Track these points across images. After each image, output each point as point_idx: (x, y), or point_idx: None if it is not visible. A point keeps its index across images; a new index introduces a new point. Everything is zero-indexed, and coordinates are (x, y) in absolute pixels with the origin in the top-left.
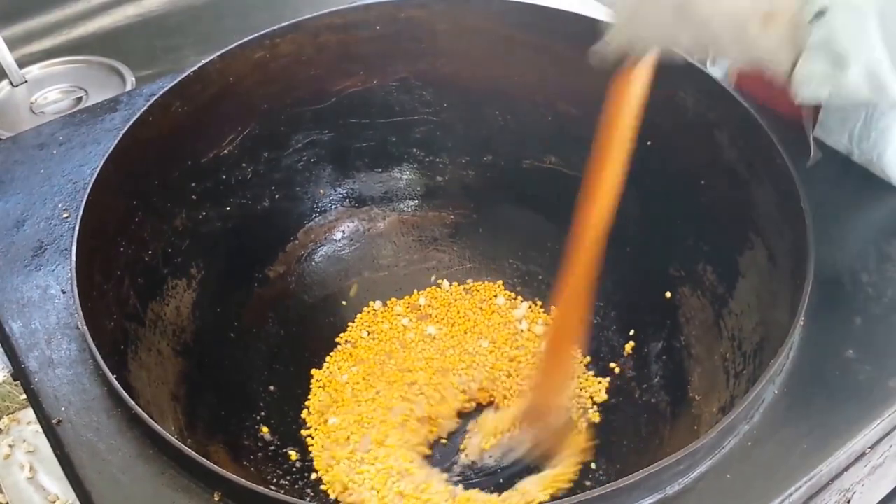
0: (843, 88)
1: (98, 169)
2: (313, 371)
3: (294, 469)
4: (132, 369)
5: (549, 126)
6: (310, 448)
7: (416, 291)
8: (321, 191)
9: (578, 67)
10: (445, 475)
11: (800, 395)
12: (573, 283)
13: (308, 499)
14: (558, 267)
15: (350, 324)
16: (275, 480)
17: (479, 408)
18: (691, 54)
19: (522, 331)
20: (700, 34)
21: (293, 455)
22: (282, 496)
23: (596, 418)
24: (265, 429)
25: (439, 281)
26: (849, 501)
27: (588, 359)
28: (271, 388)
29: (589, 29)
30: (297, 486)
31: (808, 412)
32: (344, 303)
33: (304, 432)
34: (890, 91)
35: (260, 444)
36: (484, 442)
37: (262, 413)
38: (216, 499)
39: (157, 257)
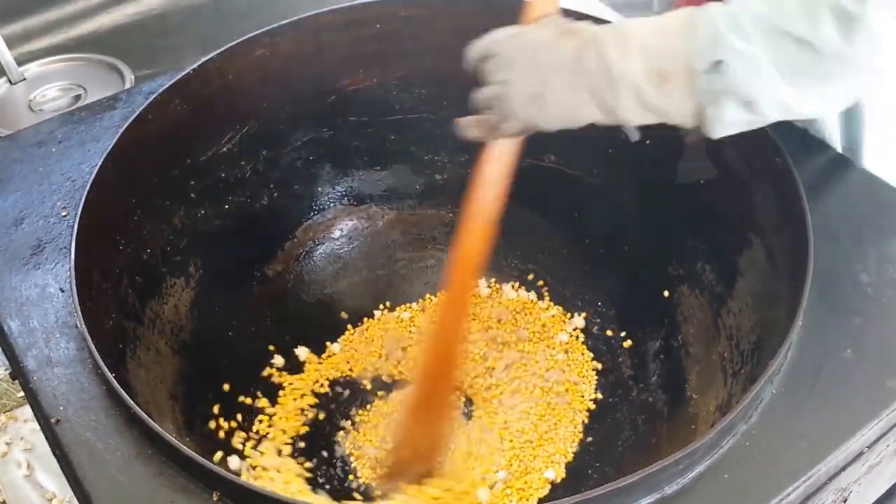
0: (755, 122)
1: (97, 167)
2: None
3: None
4: (131, 368)
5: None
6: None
7: (415, 291)
8: (320, 189)
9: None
10: None
11: (798, 395)
12: (448, 324)
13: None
14: (558, 266)
15: (349, 323)
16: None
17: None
18: (583, 124)
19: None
20: (603, 106)
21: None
22: (280, 495)
23: (585, 419)
24: (264, 428)
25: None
26: (846, 500)
27: (591, 355)
28: (271, 387)
29: None
30: (296, 485)
31: (807, 412)
32: (343, 302)
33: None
34: (797, 110)
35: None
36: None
37: (262, 412)
38: (215, 498)
39: (155, 256)
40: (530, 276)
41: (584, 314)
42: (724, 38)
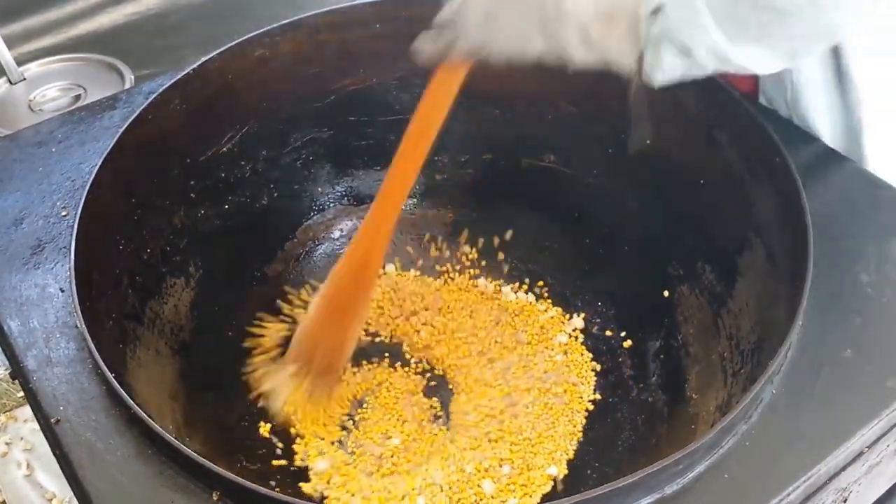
0: (693, 69)
1: (97, 167)
2: None
3: (292, 467)
4: (131, 368)
5: (549, 125)
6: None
7: (415, 290)
8: (320, 189)
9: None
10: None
11: (798, 395)
12: (367, 235)
13: (307, 498)
14: (558, 266)
15: None
16: (273, 479)
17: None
18: (539, 59)
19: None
20: (550, 40)
21: (294, 454)
22: (280, 496)
23: (584, 419)
24: (264, 428)
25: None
26: (846, 500)
27: (590, 356)
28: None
29: None
30: (296, 485)
31: (807, 412)
32: None
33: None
34: (735, 62)
35: (259, 443)
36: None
37: (261, 412)
38: (215, 498)
39: (155, 256)
40: (530, 277)
41: (583, 314)
42: None
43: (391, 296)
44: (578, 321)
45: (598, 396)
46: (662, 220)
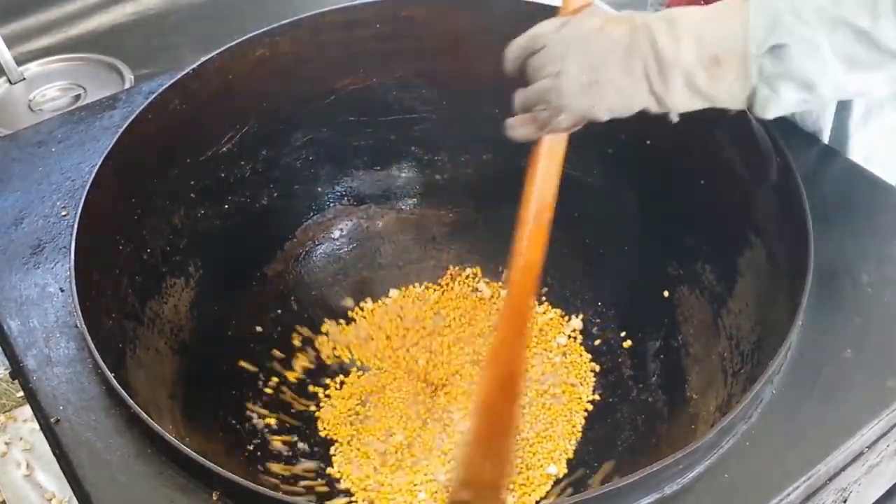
0: (813, 103)
1: (97, 167)
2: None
3: (292, 467)
4: (130, 368)
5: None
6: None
7: (414, 290)
8: (320, 189)
9: None
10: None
11: (798, 395)
12: (508, 342)
13: (306, 498)
14: (558, 266)
15: (350, 324)
16: (273, 479)
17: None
18: (635, 111)
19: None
20: (655, 93)
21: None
22: (280, 496)
23: (583, 419)
24: (263, 427)
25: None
26: (845, 500)
27: (589, 357)
28: (269, 387)
29: None
30: (296, 485)
31: (806, 412)
32: (342, 301)
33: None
34: (851, 89)
35: (258, 443)
36: None
37: (261, 412)
38: (215, 498)
39: (155, 256)
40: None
41: (582, 315)
42: (787, 23)
43: (397, 323)
44: (577, 322)
45: (597, 397)
46: (662, 220)
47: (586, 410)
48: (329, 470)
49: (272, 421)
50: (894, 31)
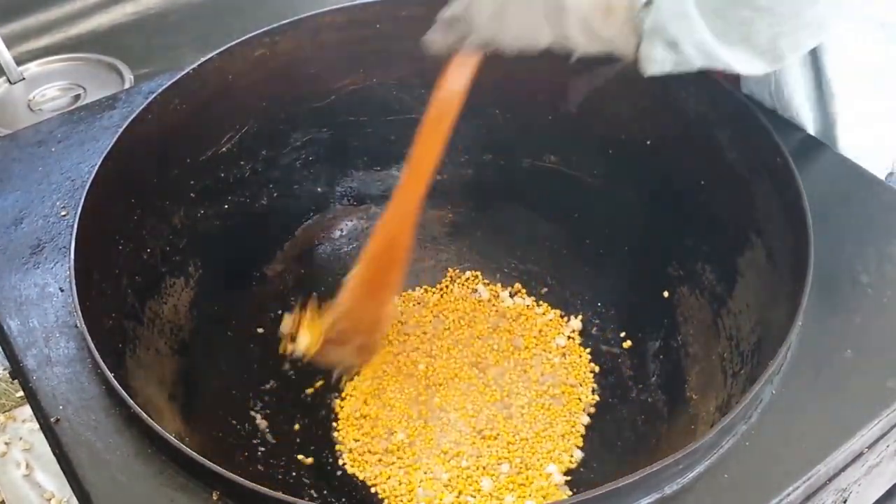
0: (681, 64)
1: (96, 167)
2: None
3: (292, 466)
4: (130, 368)
5: (549, 125)
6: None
7: (414, 290)
8: (320, 189)
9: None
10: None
11: (798, 396)
12: (397, 212)
13: (307, 497)
14: (558, 266)
15: None
16: (273, 478)
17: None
18: (540, 47)
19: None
20: (555, 30)
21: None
22: (281, 495)
23: (582, 420)
24: (263, 427)
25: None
26: (845, 501)
27: (588, 357)
28: (269, 386)
29: None
30: (296, 484)
31: (806, 412)
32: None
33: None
34: (722, 60)
35: (258, 443)
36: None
37: (260, 411)
38: (215, 498)
39: (155, 256)
40: (529, 277)
41: (582, 316)
42: None
43: (398, 328)
44: (576, 323)
45: (596, 397)
46: (662, 221)
47: (585, 411)
48: (329, 469)
49: (272, 421)
50: None
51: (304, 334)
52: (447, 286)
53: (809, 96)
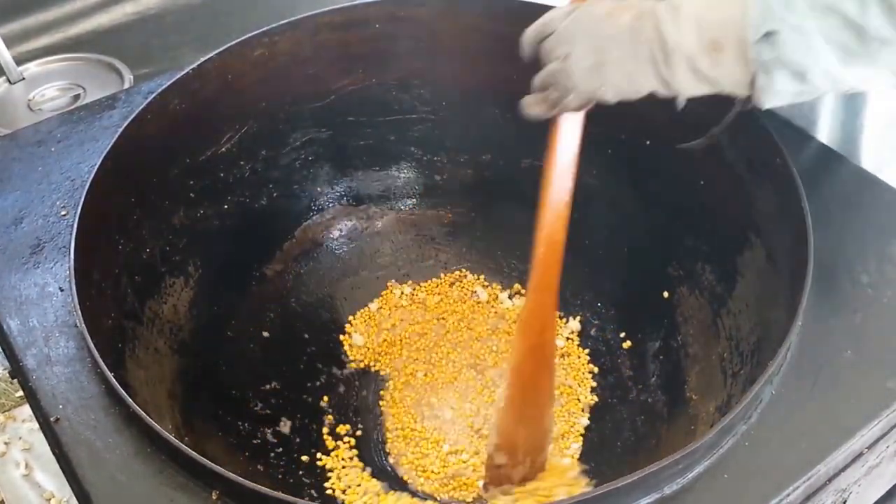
0: (804, 94)
1: (96, 167)
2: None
3: (292, 466)
4: (130, 367)
5: (549, 125)
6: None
7: (413, 291)
8: (319, 189)
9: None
10: None
11: (798, 396)
12: (537, 315)
13: (307, 497)
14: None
15: (348, 324)
16: (273, 478)
17: None
18: (643, 94)
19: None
20: (660, 77)
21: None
22: (280, 495)
23: (581, 420)
24: (263, 427)
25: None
26: (845, 501)
27: (587, 358)
28: (268, 386)
29: None
30: (296, 484)
31: (806, 412)
32: (342, 301)
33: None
34: (848, 83)
35: (258, 442)
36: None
37: (260, 411)
38: (214, 497)
39: (155, 255)
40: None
41: (580, 317)
42: (777, 10)
43: (398, 330)
44: (574, 324)
45: (595, 397)
46: (662, 221)
47: (584, 411)
48: (330, 467)
49: (272, 421)
50: (881, 20)
51: None
52: (447, 288)
53: (836, 106)
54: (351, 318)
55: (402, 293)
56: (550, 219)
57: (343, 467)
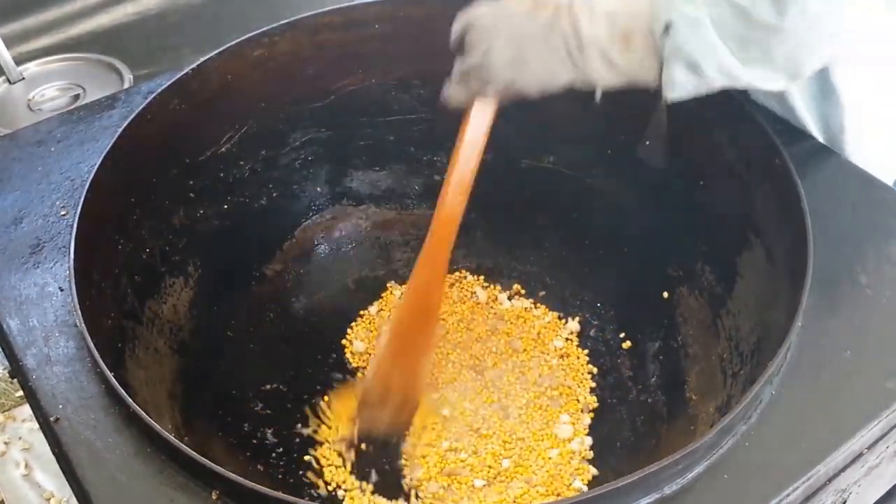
0: (703, 86)
1: (96, 167)
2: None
3: (293, 466)
4: (130, 367)
5: (548, 126)
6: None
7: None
8: (319, 189)
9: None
10: None
11: (797, 396)
12: (427, 269)
13: (307, 497)
14: (556, 267)
15: (349, 330)
16: (273, 478)
17: None
18: (559, 86)
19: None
20: (576, 69)
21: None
22: (280, 495)
23: (581, 420)
24: (263, 427)
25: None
26: (845, 502)
27: (586, 359)
28: (268, 386)
29: None
30: (296, 484)
31: (806, 413)
32: (342, 301)
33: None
34: (742, 79)
35: (257, 442)
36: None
37: (260, 411)
38: (214, 497)
39: (154, 255)
40: (528, 277)
41: (578, 317)
42: (676, 1)
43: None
44: (574, 324)
45: (595, 398)
46: (662, 221)
47: (583, 411)
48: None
49: (272, 421)
50: (766, 5)
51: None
52: (446, 289)
53: (815, 107)
54: (352, 323)
55: (402, 295)
56: (450, 197)
57: (342, 467)
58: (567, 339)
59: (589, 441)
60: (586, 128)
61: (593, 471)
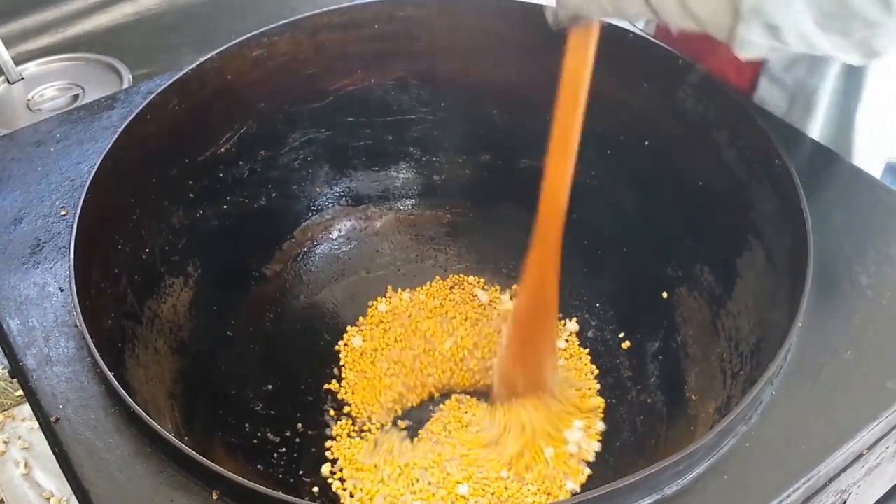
0: (779, 51)
1: (95, 167)
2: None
3: (292, 466)
4: (129, 367)
5: (547, 125)
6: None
7: (413, 292)
8: (318, 189)
9: None
10: None
11: (797, 397)
12: (542, 254)
13: (307, 497)
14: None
15: (348, 325)
16: (273, 478)
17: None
18: (636, 21)
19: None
20: (645, 2)
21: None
22: (280, 495)
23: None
24: (263, 427)
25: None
26: (845, 502)
27: (587, 357)
28: (268, 385)
29: None
30: (296, 484)
31: (806, 413)
32: (341, 301)
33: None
34: (819, 48)
35: (257, 442)
36: None
37: (260, 411)
38: (214, 497)
39: (154, 255)
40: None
41: (580, 317)
42: None
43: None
44: (573, 325)
45: (602, 400)
46: (661, 222)
47: (583, 412)
48: (330, 467)
49: (272, 421)
50: (873, 2)
51: None
52: (447, 290)
53: (831, 105)
54: (352, 323)
55: (402, 296)
56: (555, 174)
57: (343, 466)
58: (566, 341)
59: (597, 446)
60: (586, 128)
61: (587, 471)
